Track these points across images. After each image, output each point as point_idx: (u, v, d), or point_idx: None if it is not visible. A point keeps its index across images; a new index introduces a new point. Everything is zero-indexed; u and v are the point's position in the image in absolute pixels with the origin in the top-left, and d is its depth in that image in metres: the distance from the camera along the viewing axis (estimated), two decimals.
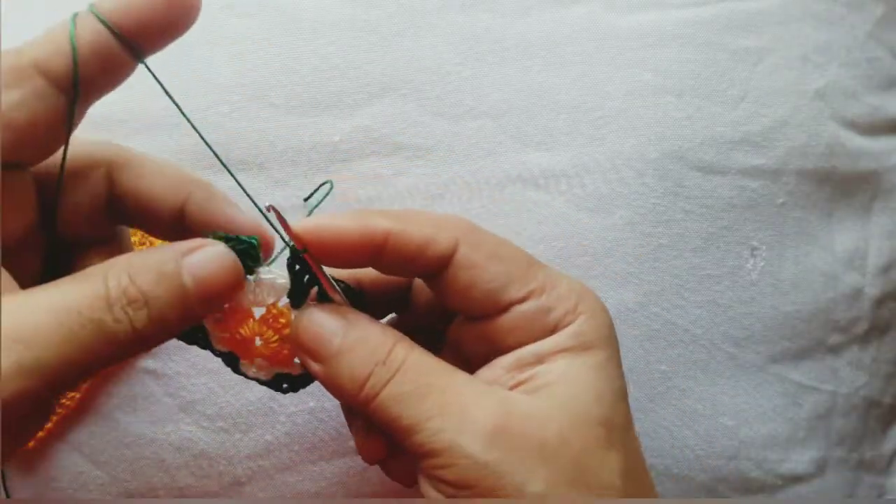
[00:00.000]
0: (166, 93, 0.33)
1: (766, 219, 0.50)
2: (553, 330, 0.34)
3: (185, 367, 0.45)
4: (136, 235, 0.45)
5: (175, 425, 0.45)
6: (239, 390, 0.45)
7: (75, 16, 0.30)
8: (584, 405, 0.32)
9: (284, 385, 0.36)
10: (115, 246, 0.36)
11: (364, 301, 0.36)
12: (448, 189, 0.47)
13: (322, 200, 0.36)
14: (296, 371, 0.36)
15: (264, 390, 0.45)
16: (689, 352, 0.48)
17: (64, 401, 0.45)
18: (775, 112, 0.50)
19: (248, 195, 0.35)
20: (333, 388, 0.33)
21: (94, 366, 0.29)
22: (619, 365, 0.35)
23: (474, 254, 0.33)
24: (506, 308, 0.34)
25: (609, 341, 0.34)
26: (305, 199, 0.35)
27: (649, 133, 0.48)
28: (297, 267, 0.34)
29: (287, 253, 0.34)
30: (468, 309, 0.34)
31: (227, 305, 0.34)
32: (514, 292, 0.33)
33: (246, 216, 0.35)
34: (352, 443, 0.46)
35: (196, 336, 0.35)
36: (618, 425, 0.33)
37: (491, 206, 0.47)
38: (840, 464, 0.52)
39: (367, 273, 0.37)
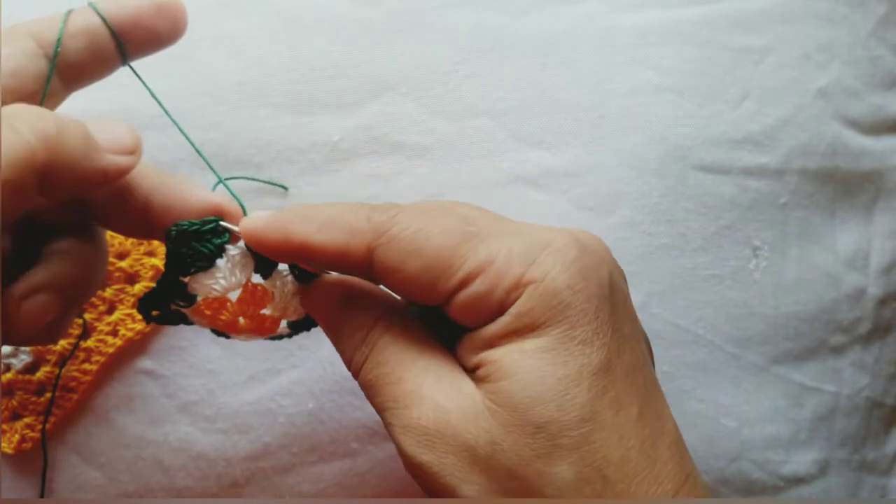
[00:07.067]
0: (151, 93, 0.35)
1: (769, 218, 0.49)
2: (500, 310, 0.30)
3: (182, 367, 0.45)
4: (145, 245, 0.46)
5: (173, 426, 0.45)
6: (237, 391, 0.45)
7: (69, 12, 0.33)
8: (522, 405, 0.29)
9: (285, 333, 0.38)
10: (88, 239, 0.36)
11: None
12: (447, 188, 0.47)
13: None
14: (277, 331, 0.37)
15: (263, 391, 0.45)
16: (691, 352, 0.48)
17: (61, 402, 0.44)
18: (777, 111, 0.50)
19: (230, 191, 0.35)
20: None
21: None
22: (583, 339, 0.29)
23: (390, 257, 0.31)
24: (448, 297, 0.31)
25: (565, 310, 0.29)
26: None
27: (650, 132, 0.48)
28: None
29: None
30: (417, 301, 0.32)
31: (201, 300, 0.34)
32: (446, 283, 0.30)
33: (200, 191, 0.34)
34: (353, 444, 0.46)
35: (177, 318, 0.36)
36: (569, 424, 0.28)
37: (491, 206, 0.46)
38: (842, 465, 0.51)
39: None
